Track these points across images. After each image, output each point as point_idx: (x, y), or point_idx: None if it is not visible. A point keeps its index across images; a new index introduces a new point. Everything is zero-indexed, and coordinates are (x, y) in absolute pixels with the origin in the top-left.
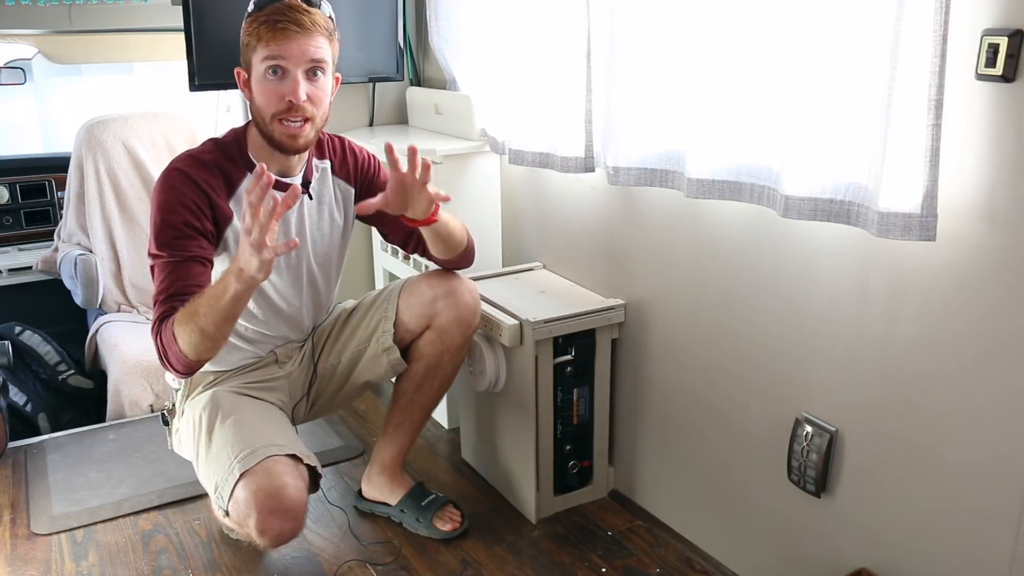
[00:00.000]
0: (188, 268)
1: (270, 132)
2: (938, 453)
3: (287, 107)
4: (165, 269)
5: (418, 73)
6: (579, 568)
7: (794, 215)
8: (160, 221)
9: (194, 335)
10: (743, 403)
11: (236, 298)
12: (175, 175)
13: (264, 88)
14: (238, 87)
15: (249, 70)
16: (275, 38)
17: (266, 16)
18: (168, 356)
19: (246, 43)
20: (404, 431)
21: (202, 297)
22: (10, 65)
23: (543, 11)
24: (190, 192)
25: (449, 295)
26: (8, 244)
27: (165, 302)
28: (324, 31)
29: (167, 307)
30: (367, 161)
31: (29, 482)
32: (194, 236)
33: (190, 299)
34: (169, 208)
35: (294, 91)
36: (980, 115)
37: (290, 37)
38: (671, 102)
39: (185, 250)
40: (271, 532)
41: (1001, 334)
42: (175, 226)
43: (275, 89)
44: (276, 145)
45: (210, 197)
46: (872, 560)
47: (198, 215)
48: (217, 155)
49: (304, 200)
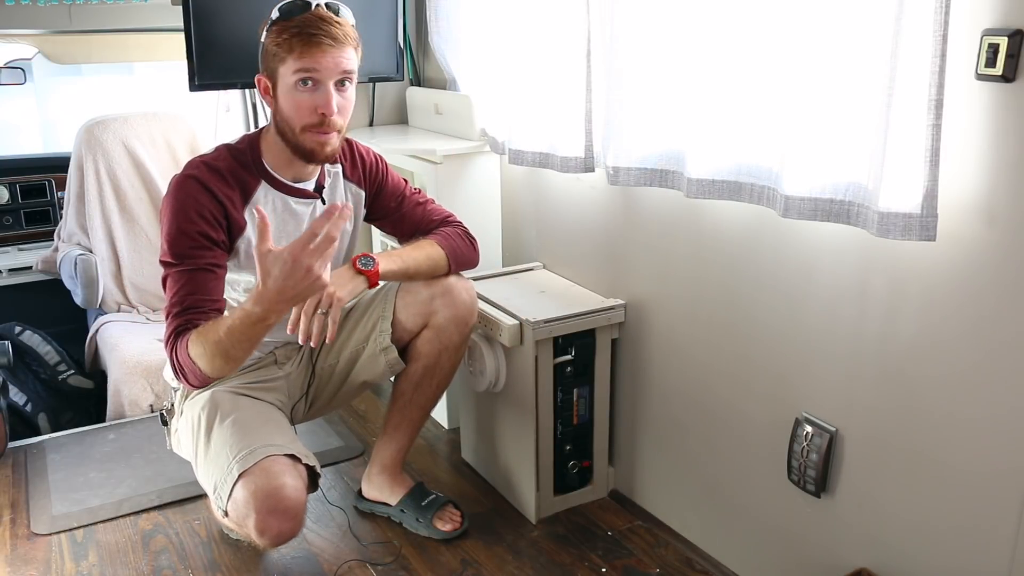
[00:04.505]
0: (202, 279)
1: (299, 141)
2: (938, 453)
3: (320, 120)
4: (179, 279)
5: (418, 73)
6: (579, 568)
7: (794, 215)
8: (175, 229)
9: (217, 360)
10: (743, 403)
11: (268, 326)
12: (190, 183)
13: (295, 99)
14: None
15: (274, 79)
16: (309, 51)
17: (297, 27)
18: (185, 373)
19: (273, 52)
20: (403, 431)
21: (228, 323)
22: (10, 65)
23: (543, 11)
24: (206, 201)
25: (446, 294)
26: (8, 244)
27: (180, 315)
28: (353, 42)
29: (182, 321)
30: (375, 164)
31: (29, 482)
32: (209, 247)
33: (207, 316)
34: (185, 216)
35: (327, 104)
36: (980, 115)
37: (324, 50)
38: (671, 102)
39: (200, 260)
40: (270, 532)
41: (1001, 334)
42: (191, 235)
43: (308, 101)
44: (304, 154)
45: (225, 208)
46: (872, 560)
47: (213, 225)
48: (232, 163)
49: (316, 206)
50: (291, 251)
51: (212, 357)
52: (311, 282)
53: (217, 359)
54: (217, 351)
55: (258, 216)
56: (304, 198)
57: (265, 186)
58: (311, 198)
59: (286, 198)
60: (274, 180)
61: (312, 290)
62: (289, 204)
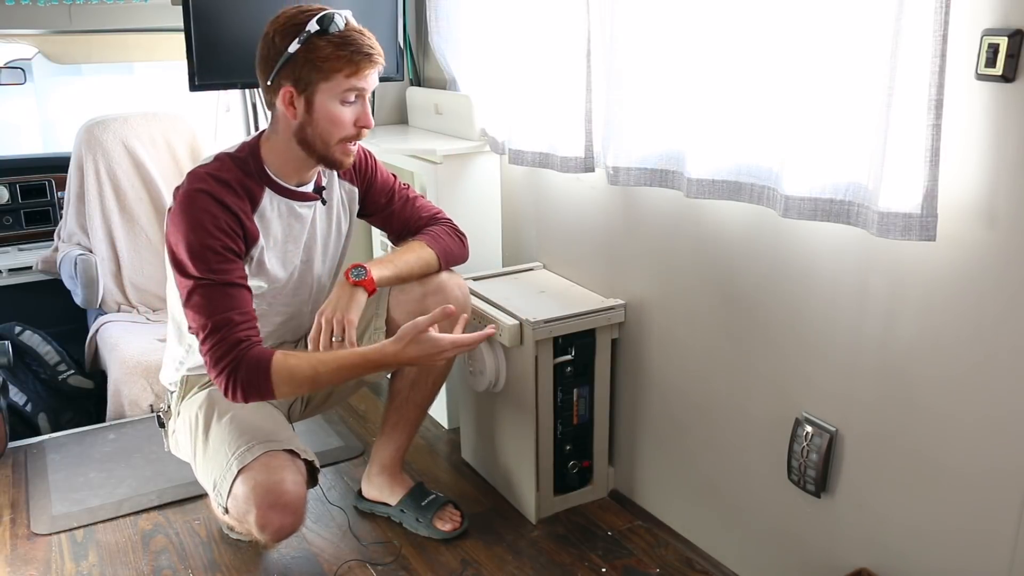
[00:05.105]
0: (235, 294)
1: (329, 153)
2: (938, 453)
3: (357, 133)
4: (212, 295)
5: (418, 73)
6: (579, 568)
7: (794, 215)
8: (198, 245)
9: (304, 386)
10: (743, 403)
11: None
12: (203, 197)
13: (337, 113)
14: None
15: (310, 90)
16: (363, 69)
17: (344, 42)
18: (245, 388)
19: (316, 66)
20: (401, 430)
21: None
22: (10, 65)
23: (543, 11)
24: (222, 215)
25: (438, 291)
26: (8, 244)
27: (225, 330)
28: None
29: (235, 337)
30: (364, 160)
31: (29, 482)
32: (234, 259)
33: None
34: (206, 232)
35: (367, 117)
36: (980, 115)
37: (374, 67)
38: (671, 102)
39: (229, 275)
40: (271, 527)
41: (1001, 334)
42: (215, 250)
43: (348, 115)
44: (331, 164)
45: (240, 219)
46: (872, 560)
47: (234, 238)
48: (237, 172)
49: (317, 207)
50: (441, 344)
51: (300, 383)
52: (435, 363)
53: (304, 385)
54: (307, 379)
55: (447, 308)
56: (307, 201)
57: (270, 193)
58: (312, 200)
59: (290, 203)
60: (278, 186)
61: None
62: (294, 208)
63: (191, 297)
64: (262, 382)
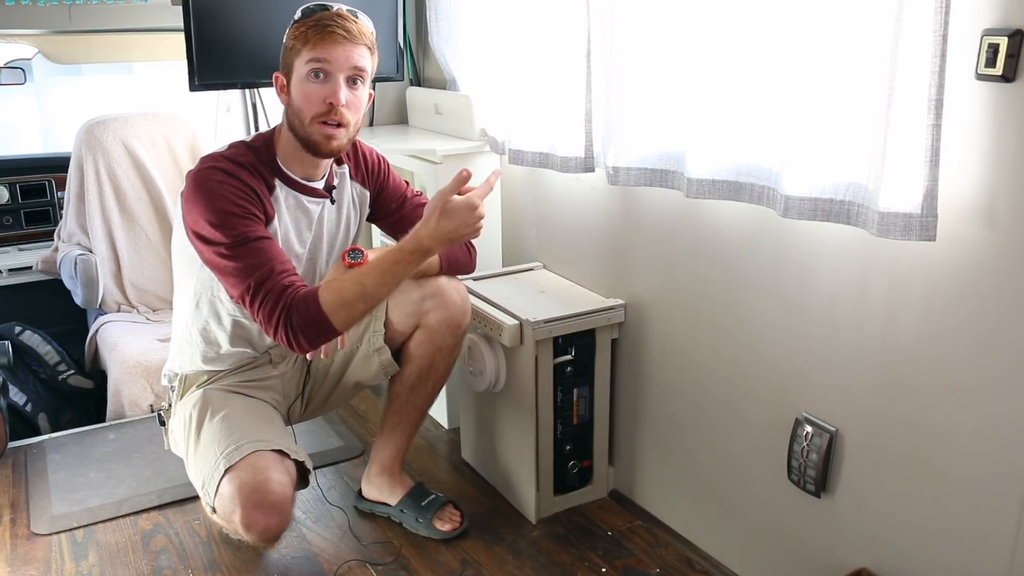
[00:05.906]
0: (268, 247)
1: (307, 134)
2: (938, 453)
3: (327, 109)
4: (246, 255)
5: (418, 73)
6: (579, 568)
7: (794, 215)
8: (219, 212)
9: (358, 305)
10: (743, 403)
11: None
12: (217, 173)
13: (306, 90)
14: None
15: (290, 74)
16: (323, 42)
17: (314, 21)
18: (306, 333)
19: (290, 47)
20: (401, 432)
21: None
22: (10, 65)
23: (543, 11)
24: (238, 185)
25: (437, 295)
26: (8, 244)
27: (270, 283)
28: (368, 41)
29: (284, 283)
30: (377, 163)
31: (29, 482)
32: (258, 220)
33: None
34: (225, 199)
35: (335, 93)
36: (980, 115)
37: (337, 42)
38: (671, 102)
39: (256, 231)
40: (256, 527)
41: (1001, 334)
42: (238, 214)
43: (317, 91)
44: (311, 146)
45: (258, 194)
46: (872, 560)
47: (254, 203)
48: (251, 157)
49: (325, 205)
50: (472, 200)
51: (352, 303)
52: (475, 228)
53: (357, 303)
54: (356, 295)
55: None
56: (316, 197)
57: (280, 183)
58: (322, 197)
59: (299, 196)
60: (287, 178)
61: (472, 234)
62: (302, 202)
63: (224, 264)
64: (317, 317)
